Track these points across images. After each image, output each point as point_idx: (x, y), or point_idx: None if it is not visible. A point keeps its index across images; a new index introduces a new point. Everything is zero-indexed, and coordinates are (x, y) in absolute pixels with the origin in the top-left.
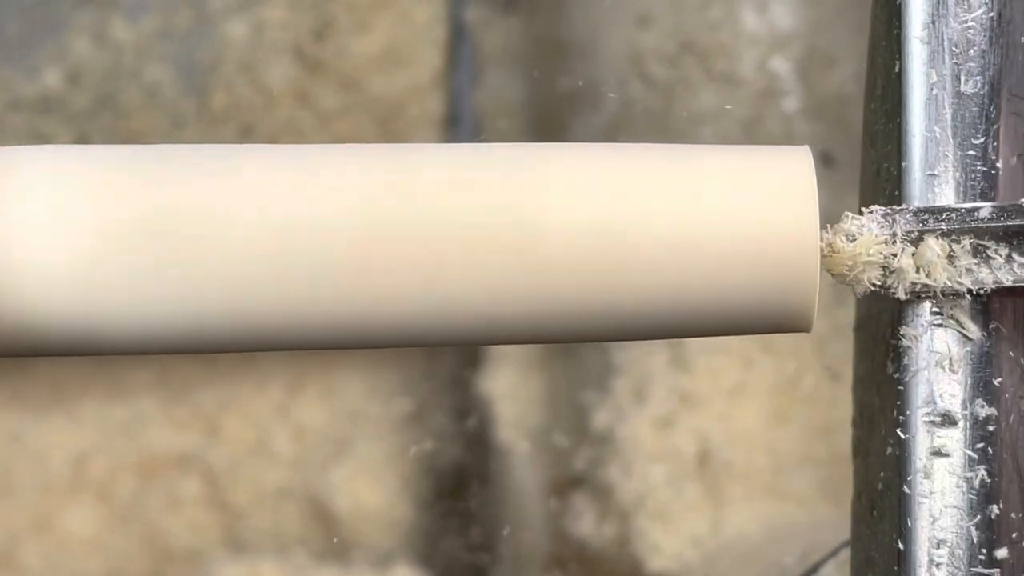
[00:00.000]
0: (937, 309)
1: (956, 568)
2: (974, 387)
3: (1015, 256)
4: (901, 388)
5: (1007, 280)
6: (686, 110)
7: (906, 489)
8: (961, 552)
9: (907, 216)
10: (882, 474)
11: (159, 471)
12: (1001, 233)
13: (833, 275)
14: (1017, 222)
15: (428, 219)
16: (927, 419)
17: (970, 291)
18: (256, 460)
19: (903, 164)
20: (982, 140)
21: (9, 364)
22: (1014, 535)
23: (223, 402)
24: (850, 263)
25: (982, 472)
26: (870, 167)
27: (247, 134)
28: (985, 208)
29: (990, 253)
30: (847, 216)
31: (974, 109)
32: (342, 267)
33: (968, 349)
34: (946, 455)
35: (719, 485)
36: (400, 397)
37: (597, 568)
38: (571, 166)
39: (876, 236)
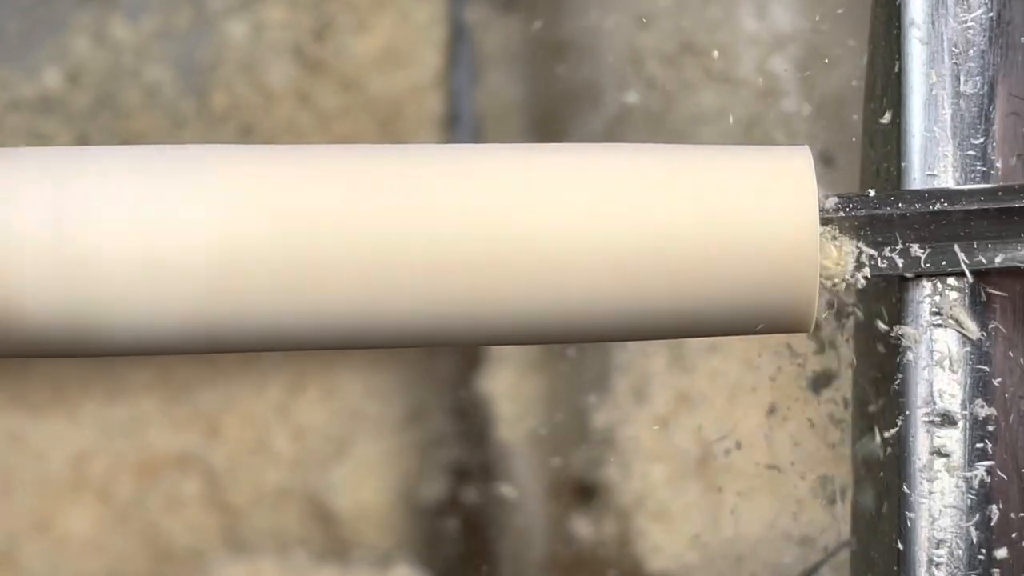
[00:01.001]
0: (937, 309)
1: (956, 568)
2: (974, 387)
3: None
4: (901, 388)
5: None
6: (686, 110)
7: (906, 489)
8: (961, 552)
9: None
10: (882, 474)
11: (159, 471)
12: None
13: None
14: (863, 213)
15: (427, 219)
16: (927, 419)
17: (971, 288)
18: (256, 460)
19: (903, 164)
20: (981, 140)
21: (9, 364)
22: (1014, 535)
23: (223, 402)
24: None
25: (982, 472)
26: (870, 167)
27: (247, 134)
28: (831, 199)
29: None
30: None
31: (974, 109)
32: (341, 267)
33: (968, 349)
34: (946, 455)
35: (719, 485)
36: (400, 397)
37: (597, 568)
38: (570, 167)
39: None
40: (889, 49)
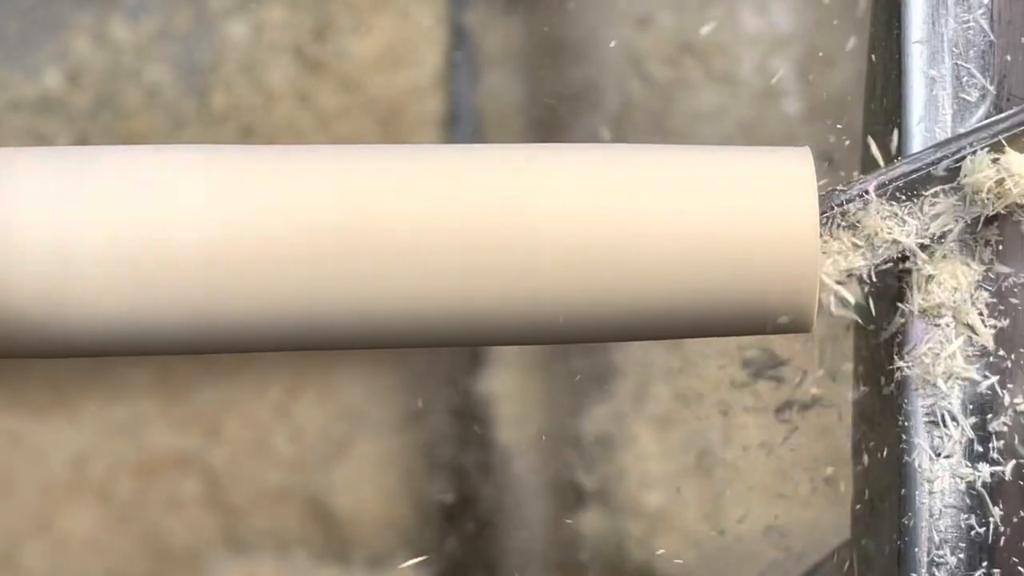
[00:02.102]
0: (939, 311)
1: (956, 568)
2: (975, 388)
3: None
4: (901, 389)
5: None
6: (686, 110)
7: (906, 489)
8: (961, 552)
9: None
10: (882, 474)
11: (159, 471)
12: None
13: None
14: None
15: (428, 220)
16: (927, 419)
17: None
18: (256, 460)
19: None
20: None
21: (9, 364)
22: (1014, 536)
23: (223, 402)
24: None
25: (982, 473)
26: (870, 167)
27: (247, 134)
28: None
29: None
30: None
31: (974, 110)
32: (341, 268)
33: (969, 350)
34: (946, 455)
35: (719, 485)
36: (400, 397)
37: (597, 568)
38: (570, 167)
39: None
40: (889, 49)
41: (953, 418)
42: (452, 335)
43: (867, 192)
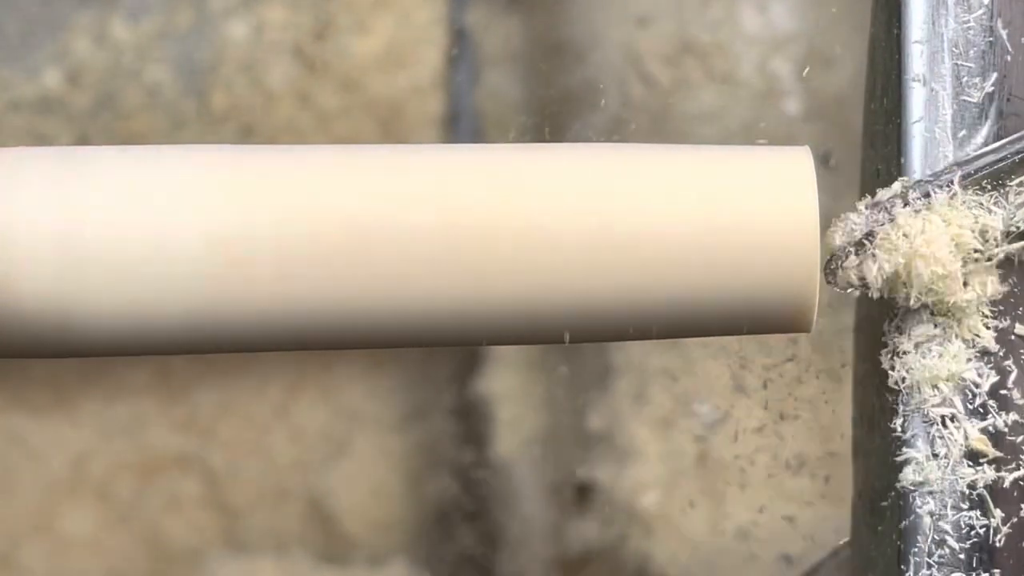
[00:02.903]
0: (940, 310)
1: (956, 568)
2: (975, 389)
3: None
4: (901, 388)
5: None
6: (686, 110)
7: (906, 489)
8: (961, 553)
9: None
10: (882, 474)
11: (159, 471)
12: None
13: None
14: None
15: (428, 220)
16: (927, 419)
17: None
18: (256, 460)
19: (903, 164)
20: (982, 141)
21: (9, 364)
22: (1015, 536)
23: (223, 402)
24: None
25: (982, 473)
26: (870, 167)
27: (247, 134)
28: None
29: None
30: None
31: (974, 109)
32: (341, 267)
33: (969, 350)
34: (946, 455)
35: (719, 485)
36: (400, 397)
37: (596, 568)
38: (570, 166)
39: None
40: (889, 49)
41: (954, 419)
42: (452, 335)
43: (952, 183)
